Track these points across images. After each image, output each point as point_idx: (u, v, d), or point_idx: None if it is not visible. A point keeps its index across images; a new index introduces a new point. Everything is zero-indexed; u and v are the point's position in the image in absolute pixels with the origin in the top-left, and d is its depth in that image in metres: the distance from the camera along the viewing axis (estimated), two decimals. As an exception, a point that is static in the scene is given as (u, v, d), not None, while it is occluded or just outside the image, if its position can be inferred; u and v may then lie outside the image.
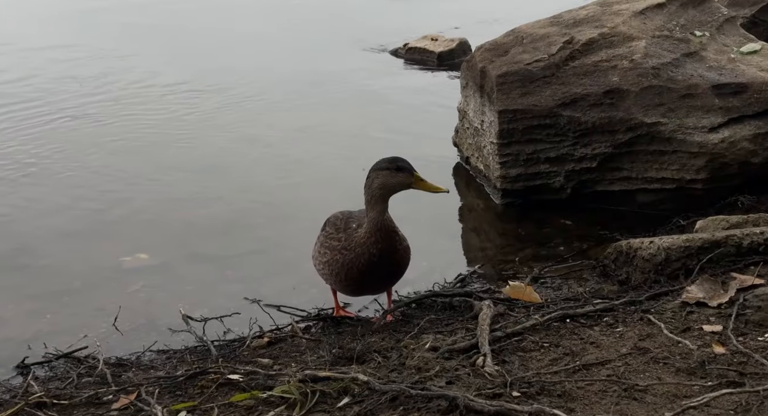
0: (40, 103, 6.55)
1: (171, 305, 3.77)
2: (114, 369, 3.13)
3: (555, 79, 4.79)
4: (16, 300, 3.78)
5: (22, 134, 5.93)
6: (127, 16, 9.28)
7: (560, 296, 3.65)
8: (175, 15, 9.46)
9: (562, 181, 4.83)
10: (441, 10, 9.77)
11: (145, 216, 4.70)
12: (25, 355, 3.32)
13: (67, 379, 3.05)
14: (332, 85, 7.11)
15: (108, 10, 9.51)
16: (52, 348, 3.37)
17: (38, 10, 9.56)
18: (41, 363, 3.29)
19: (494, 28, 7.11)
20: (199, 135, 5.92)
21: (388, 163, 3.38)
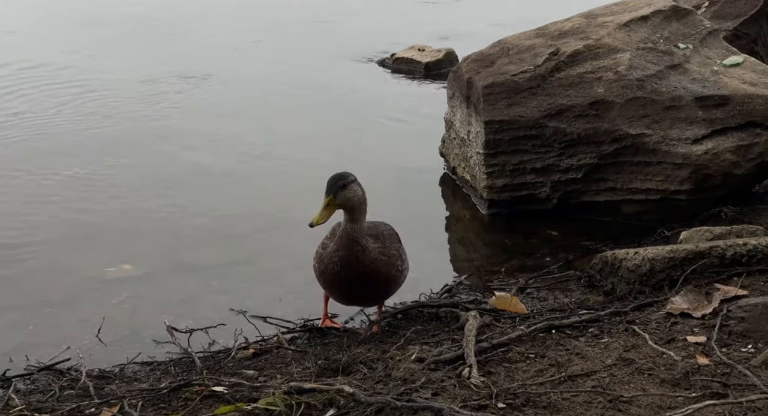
0: (21, 111, 6.48)
1: (155, 316, 3.74)
2: (97, 381, 3.10)
3: (541, 90, 4.82)
4: (-4, 312, 3.74)
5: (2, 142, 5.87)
6: (107, 22, 9.24)
7: (546, 307, 3.66)
8: (158, 20, 9.44)
9: (548, 191, 4.85)
10: (428, 21, 9.82)
11: (130, 227, 4.66)
12: (6, 368, 3.27)
13: (49, 392, 3.01)
14: (318, 95, 7.11)
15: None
16: (34, 360, 3.33)
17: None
18: (22, 375, 3.24)
19: (481, 38, 7.14)
20: (183, 144, 5.89)
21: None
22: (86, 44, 8.38)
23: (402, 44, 8.47)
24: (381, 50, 8.49)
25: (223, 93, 7.15)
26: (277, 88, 7.28)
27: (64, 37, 8.62)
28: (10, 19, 9.32)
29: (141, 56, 8.05)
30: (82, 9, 9.86)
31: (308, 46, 8.70)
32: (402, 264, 3.47)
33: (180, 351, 3.45)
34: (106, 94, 6.98)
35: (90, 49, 8.23)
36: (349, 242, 3.30)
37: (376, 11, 10.31)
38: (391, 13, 10.26)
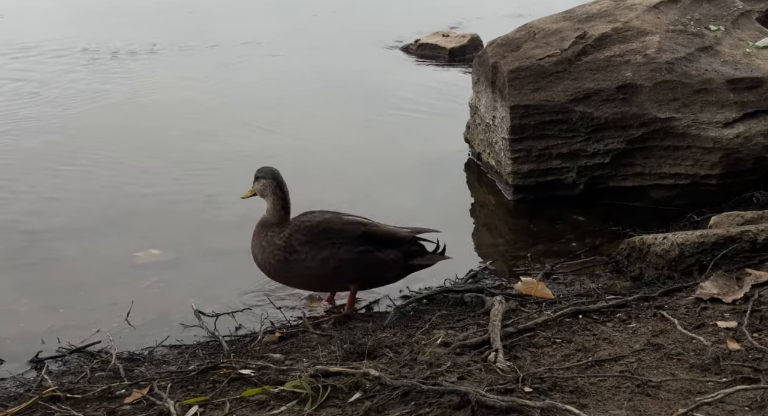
0: (50, 97, 6.55)
1: (183, 300, 3.78)
2: (127, 363, 3.15)
3: (567, 74, 4.76)
4: (30, 296, 3.80)
5: (33, 128, 5.94)
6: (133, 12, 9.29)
7: (572, 292, 3.63)
8: (184, 7, 9.47)
9: (575, 176, 4.81)
10: (453, 6, 9.74)
11: (157, 212, 4.71)
12: (39, 350, 3.34)
13: (81, 373, 3.07)
14: (342, 81, 7.11)
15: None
16: (66, 342, 3.39)
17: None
18: (55, 357, 3.31)
19: (506, 23, 7.07)
20: (213, 130, 5.93)
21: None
22: (108, 25, 8.44)
23: (426, 29, 8.41)
24: (405, 36, 8.44)
25: (249, 80, 7.18)
26: (301, 75, 7.29)
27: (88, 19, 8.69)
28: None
29: (171, 46, 8.09)
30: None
31: (332, 33, 8.69)
32: (283, 255, 3.52)
33: (207, 335, 3.49)
34: (133, 79, 7.03)
35: (117, 29, 8.28)
36: (256, 229, 3.66)
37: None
38: (416, 1, 10.19)
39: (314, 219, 3.60)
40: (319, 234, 3.54)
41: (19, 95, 6.64)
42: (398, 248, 3.61)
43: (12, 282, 3.90)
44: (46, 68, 7.34)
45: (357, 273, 3.59)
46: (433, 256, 3.72)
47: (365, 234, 3.56)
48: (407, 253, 3.63)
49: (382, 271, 3.61)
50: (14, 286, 3.87)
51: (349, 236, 3.54)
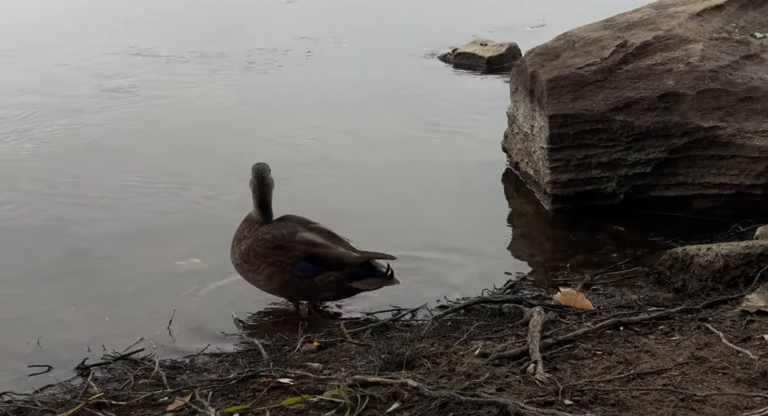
0: (92, 105, 6.69)
1: (223, 309, 3.84)
2: (169, 371, 3.20)
3: (607, 83, 4.72)
4: (76, 304, 3.89)
5: (76, 136, 6.07)
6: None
7: (613, 303, 3.58)
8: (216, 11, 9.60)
9: (615, 186, 4.75)
10: (491, 16, 9.72)
11: (199, 221, 4.77)
12: (85, 357, 3.42)
13: (125, 381, 3.13)
14: (378, 91, 7.13)
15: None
16: (111, 350, 3.46)
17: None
18: (100, 364, 3.38)
19: (544, 32, 7.04)
20: (249, 139, 5.99)
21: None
22: (151, 36, 8.62)
23: (464, 39, 8.41)
24: (442, 45, 8.45)
25: (285, 89, 7.25)
26: (337, 84, 7.33)
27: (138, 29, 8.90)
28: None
29: (208, 51, 8.21)
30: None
31: (369, 43, 8.74)
32: (241, 261, 3.72)
33: (247, 343, 3.53)
34: (172, 86, 7.15)
35: (154, 39, 8.45)
36: (242, 221, 3.87)
37: (438, 6, 10.27)
38: (453, 8, 10.20)
39: (273, 231, 3.72)
40: (272, 250, 3.68)
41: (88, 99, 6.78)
42: (341, 270, 3.69)
43: (59, 291, 3.99)
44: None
45: (296, 293, 3.77)
46: (376, 280, 3.75)
47: (313, 256, 3.68)
48: (350, 275, 3.71)
49: (319, 293, 3.77)
50: (61, 295, 3.96)
51: (297, 255, 3.67)
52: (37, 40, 8.41)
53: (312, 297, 3.80)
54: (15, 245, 4.44)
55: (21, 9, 9.73)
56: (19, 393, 3.13)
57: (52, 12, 9.66)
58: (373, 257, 3.75)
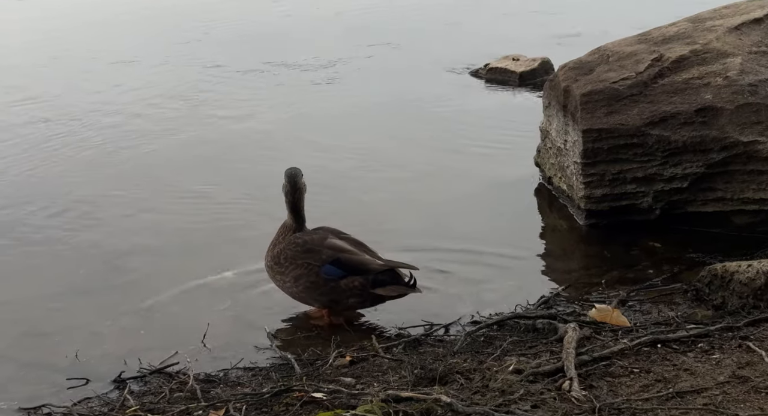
0: (122, 120, 6.81)
1: (256, 323, 3.86)
2: (203, 384, 3.23)
3: (643, 97, 4.67)
4: (113, 317, 3.94)
5: (107, 151, 6.16)
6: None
7: (650, 320, 3.52)
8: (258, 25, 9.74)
9: (651, 201, 4.68)
10: (523, 31, 9.71)
11: (231, 235, 4.81)
12: (122, 370, 3.45)
13: (160, 394, 3.16)
14: (411, 106, 7.15)
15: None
16: (146, 363, 3.50)
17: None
18: (136, 378, 3.41)
19: (577, 47, 7.00)
20: (283, 153, 6.02)
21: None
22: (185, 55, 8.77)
23: (496, 54, 8.41)
24: (474, 61, 8.46)
25: (318, 103, 7.31)
26: (370, 99, 7.38)
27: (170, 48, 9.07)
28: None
29: (238, 67, 8.32)
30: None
31: (401, 58, 8.79)
32: (272, 263, 3.84)
33: (280, 357, 3.54)
34: (208, 103, 7.26)
35: (185, 58, 8.60)
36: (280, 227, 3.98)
37: (470, 22, 10.30)
38: (485, 24, 10.22)
39: (304, 236, 3.84)
40: (301, 253, 3.79)
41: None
42: (365, 276, 3.72)
43: (95, 305, 4.05)
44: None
45: (321, 295, 3.81)
46: (399, 288, 3.79)
47: (338, 260, 3.75)
48: (374, 281, 3.75)
49: (343, 297, 3.80)
50: (98, 308, 4.02)
51: (324, 258, 3.76)
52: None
53: (336, 302, 3.82)
54: (54, 260, 4.52)
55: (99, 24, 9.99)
56: (59, 405, 3.19)
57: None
58: (396, 266, 3.80)
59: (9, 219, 5.00)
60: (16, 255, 4.59)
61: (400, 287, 3.77)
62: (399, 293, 3.79)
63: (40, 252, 4.62)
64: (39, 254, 4.59)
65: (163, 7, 11.01)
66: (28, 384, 3.46)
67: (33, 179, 5.65)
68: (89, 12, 10.78)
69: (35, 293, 4.17)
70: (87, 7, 11.10)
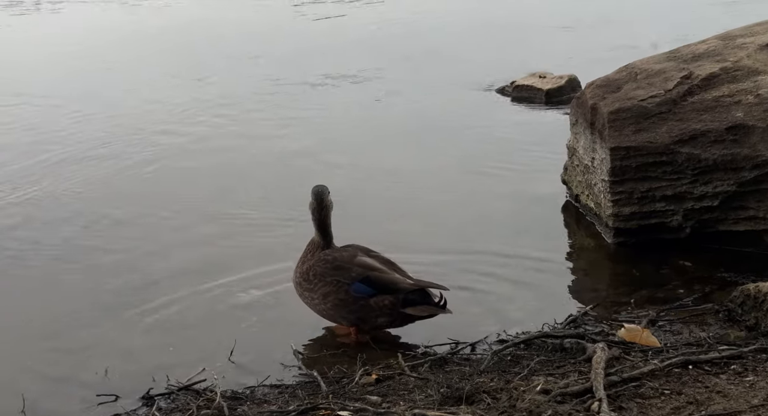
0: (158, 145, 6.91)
1: (283, 340, 3.86)
2: (230, 401, 3.24)
3: (672, 115, 4.63)
4: (143, 335, 3.98)
5: (142, 168, 6.24)
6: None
7: (681, 341, 3.47)
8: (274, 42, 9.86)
9: (680, 219, 4.62)
10: (549, 49, 9.71)
11: (257, 253, 4.82)
12: (150, 387, 3.48)
13: (188, 411, 3.18)
14: (437, 123, 7.17)
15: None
16: (174, 380, 3.51)
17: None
18: (164, 394, 3.43)
19: (602, 65, 6.98)
20: (308, 171, 6.06)
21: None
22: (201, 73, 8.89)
23: (522, 71, 8.41)
24: (500, 78, 8.46)
25: (341, 119, 7.35)
26: (395, 116, 7.41)
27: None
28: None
29: (259, 88, 8.41)
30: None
31: (426, 75, 8.82)
32: (301, 280, 3.84)
33: (306, 375, 3.54)
34: (231, 119, 7.34)
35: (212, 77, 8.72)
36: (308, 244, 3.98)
37: (496, 39, 10.32)
38: (512, 42, 10.23)
39: (334, 254, 3.83)
40: (331, 270, 3.78)
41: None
42: (395, 295, 3.70)
43: (125, 321, 4.10)
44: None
45: (349, 313, 3.78)
46: (429, 308, 3.75)
47: (368, 278, 3.72)
48: (404, 301, 3.72)
49: (372, 316, 3.77)
50: (127, 325, 4.06)
51: (353, 276, 3.74)
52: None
53: (364, 320, 3.80)
54: (84, 276, 4.58)
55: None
56: (88, 421, 3.22)
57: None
58: (426, 286, 3.78)
59: (41, 235, 5.09)
60: (48, 271, 4.66)
61: (430, 307, 3.74)
62: (429, 313, 3.76)
63: (71, 268, 4.68)
64: (70, 270, 4.66)
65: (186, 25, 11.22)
66: (58, 399, 3.50)
67: (67, 195, 5.73)
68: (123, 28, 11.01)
69: (66, 309, 4.22)
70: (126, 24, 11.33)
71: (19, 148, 6.64)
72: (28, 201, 5.63)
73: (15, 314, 4.21)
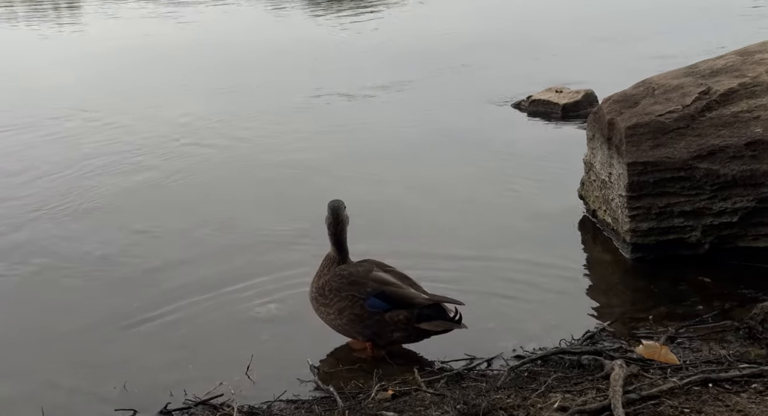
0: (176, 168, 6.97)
1: (299, 355, 3.87)
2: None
3: (690, 130, 4.61)
4: (161, 350, 3.99)
5: (156, 185, 6.30)
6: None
7: (700, 358, 3.42)
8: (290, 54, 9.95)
9: (699, 235, 4.59)
10: (564, 64, 9.72)
11: (275, 268, 4.83)
12: (168, 401, 3.49)
13: (205, 426, 3.18)
14: (453, 137, 7.19)
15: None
16: (191, 395, 3.52)
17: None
18: (181, 409, 3.44)
19: (619, 80, 6.96)
20: (328, 184, 6.09)
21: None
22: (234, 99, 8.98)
23: (538, 86, 8.42)
24: (517, 93, 8.48)
25: (359, 133, 7.38)
26: (412, 130, 7.44)
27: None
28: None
29: (286, 107, 8.49)
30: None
31: (443, 89, 8.87)
32: (317, 294, 3.85)
33: (322, 390, 3.53)
34: (257, 136, 7.41)
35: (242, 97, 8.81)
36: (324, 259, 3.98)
37: (513, 56, 10.35)
38: (528, 58, 10.26)
39: (350, 269, 3.83)
40: (346, 285, 3.79)
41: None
42: (410, 310, 3.70)
43: (144, 336, 4.12)
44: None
45: (365, 328, 3.78)
46: (444, 323, 3.74)
47: (383, 293, 3.74)
48: (419, 316, 3.72)
49: (387, 331, 3.77)
50: (146, 340, 4.09)
51: (369, 291, 3.75)
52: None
53: (380, 336, 3.80)
54: (107, 292, 4.61)
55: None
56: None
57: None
58: (441, 301, 3.77)
59: (66, 252, 5.13)
60: (70, 286, 4.70)
61: (445, 322, 3.73)
62: (444, 328, 3.75)
63: (94, 285, 4.71)
64: (92, 287, 4.69)
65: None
66: (77, 413, 3.53)
67: (92, 211, 5.78)
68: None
69: (84, 323, 4.26)
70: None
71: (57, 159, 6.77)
72: (48, 216, 5.69)
73: (35, 328, 4.25)
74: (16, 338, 4.16)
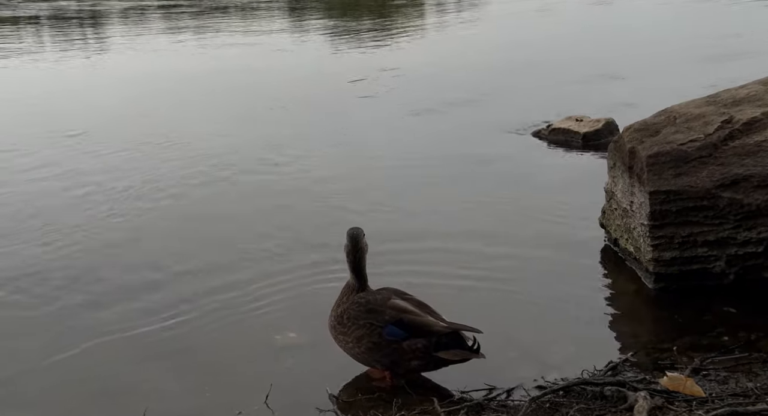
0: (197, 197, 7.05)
1: (318, 384, 3.84)
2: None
3: (712, 159, 4.58)
4: (179, 376, 3.99)
5: (188, 208, 6.36)
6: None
7: (727, 391, 3.36)
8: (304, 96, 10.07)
9: (724, 265, 4.52)
10: (585, 94, 9.73)
11: (295, 295, 4.84)
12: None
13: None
14: (472, 167, 7.19)
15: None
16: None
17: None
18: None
19: (639, 109, 6.96)
20: (346, 212, 6.11)
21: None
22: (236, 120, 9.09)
23: (557, 115, 8.43)
24: (536, 121, 8.49)
25: (377, 161, 7.40)
26: (430, 159, 7.46)
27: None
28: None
29: (294, 135, 8.57)
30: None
31: (463, 118, 8.90)
32: (335, 323, 3.84)
33: (342, 420, 3.51)
34: (274, 162, 7.48)
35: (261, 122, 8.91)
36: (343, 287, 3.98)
37: (532, 85, 10.38)
38: (546, 85, 10.28)
39: (368, 297, 3.83)
40: (364, 313, 3.78)
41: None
42: (428, 338, 3.68)
43: (164, 364, 4.12)
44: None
45: (383, 357, 3.76)
46: (462, 352, 3.70)
47: (401, 321, 3.72)
48: (437, 344, 3.69)
49: (405, 359, 3.74)
50: (165, 368, 4.08)
51: (387, 319, 3.73)
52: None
53: (398, 364, 3.77)
54: (121, 317, 4.60)
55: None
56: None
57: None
58: (460, 329, 3.74)
59: (77, 272, 5.17)
60: (88, 313, 4.70)
61: (463, 352, 3.70)
62: (462, 357, 3.72)
63: (112, 311, 4.71)
64: (110, 314, 4.68)
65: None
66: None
67: (113, 236, 5.83)
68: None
69: (106, 352, 4.26)
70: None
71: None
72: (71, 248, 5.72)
73: (53, 355, 4.24)
74: (35, 363, 4.16)
